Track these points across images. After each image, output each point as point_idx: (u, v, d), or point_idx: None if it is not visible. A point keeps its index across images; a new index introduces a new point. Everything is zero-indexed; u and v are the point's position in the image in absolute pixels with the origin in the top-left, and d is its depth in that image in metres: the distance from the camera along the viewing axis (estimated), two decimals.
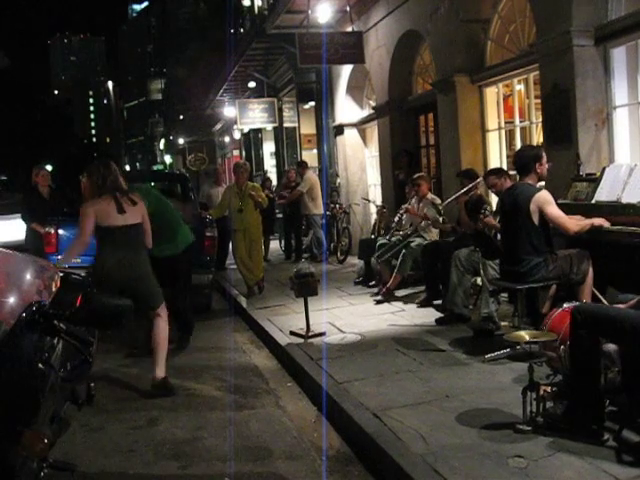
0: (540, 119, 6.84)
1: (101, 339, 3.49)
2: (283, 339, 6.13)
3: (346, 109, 12.57)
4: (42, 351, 2.39)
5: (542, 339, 3.65)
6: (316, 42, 10.42)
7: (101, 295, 2.89)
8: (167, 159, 56.09)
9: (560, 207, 4.94)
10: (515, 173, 5.44)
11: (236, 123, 19.38)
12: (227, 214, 8.95)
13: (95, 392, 2.90)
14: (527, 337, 3.61)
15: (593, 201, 5.30)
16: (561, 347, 3.67)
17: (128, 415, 4.64)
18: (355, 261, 9.73)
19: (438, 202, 7.51)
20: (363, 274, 8.82)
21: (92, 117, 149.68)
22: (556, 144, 6.15)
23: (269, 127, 19.11)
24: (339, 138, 12.77)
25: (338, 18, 11.46)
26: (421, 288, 7.66)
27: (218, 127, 29.66)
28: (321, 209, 11.76)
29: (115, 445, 4.12)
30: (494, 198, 7.06)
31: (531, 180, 4.91)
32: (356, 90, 12.49)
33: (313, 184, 11.73)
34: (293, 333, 6.26)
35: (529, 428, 3.52)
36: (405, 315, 6.79)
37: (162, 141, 60.40)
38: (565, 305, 4.00)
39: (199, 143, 36.24)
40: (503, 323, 5.74)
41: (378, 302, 7.48)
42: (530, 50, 6.78)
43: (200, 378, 5.47)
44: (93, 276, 4.96)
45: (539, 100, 6.81)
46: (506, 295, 6.22)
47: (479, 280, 6.27)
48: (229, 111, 21.58)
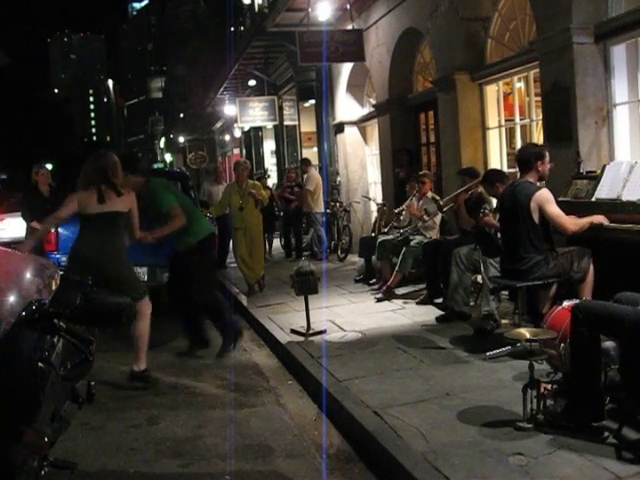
0: (540, 117, 6.84)
1: (101, 337, 3.49)
2: (284, 337, 6.13)
3: (346, 107, 12.56)
4: (42, 350, 2.39)
5: (542, 337, 3.65)
6: (316, 40, 10.42)
7: (101, 293, 2.89)
8: (167, 157, 56.08)
9: (560, 205, 4.94)
10: (516, 171, 5.44)
11: (236, 121, 19.39)
12: (227, 212, 8.95)
13: (95, 391, 2.89)
14: (527, 335, 3.62)
15: (593, 199, 5.29)
16: (561, 345, 3.67)
17: (128, 413, 4.64)
18: (355, 259, 9.73)
19: (438, 198, 7.51)
20: (364, 272, 8.82)
21: (92, 116, 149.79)
22: (556, 142, 6.14)
23: (269, 125, 19.12)
24: (339, 136, 12.77)
25: (338, 16, 11.46)
26: (422, 286, 7.66)
27: (218, 125, 29.66)
28: (322, 207, 11.76)
29: (116, 443, 4.12)
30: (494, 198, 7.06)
31: (532, 178, 4.91)
32: (356, 88, 12.49)
33: (318, 182, 11.75)
34: (294, 331, 6.26)
35: (529, 426, 3.52)
36: (406, 313, 6.79)
37: (162, 139, 60.40)
38: (565, 303, 4.00)
39: (199, 141, 36.27)
40: (503, 321, 5.74)
41: (379, 300, 7.48)
42: (530, 48, 6.78)
43: (200, 376, 5.47)
44: (69, 260, 5.16)
45: (539, 98, 6.81)
46: (506, 293, 6.22)
47: (479, 278, 6.27)
48: (229, 109, 21.59)
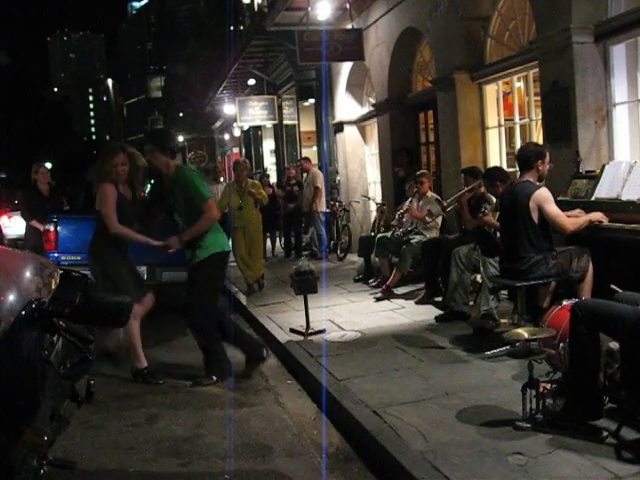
0: (540, 116, 6.84)
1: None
2: (283, 336, 6.13)
3: (346, 106, 12.56)
4: (41, 349, 2.38)
5: (541, 336, 3.65)
6: (316, 39, 10.43)
7: (101, 292, 2.89)
8: None
9: (560, 204, 4.95)
10: (515, 170, 5.44)
11: (236, 120, 19.37)
12: (227, 211, 8.95)
13: (95, 390, 2.89)
14: (527, 334, 3.62)
15: (593, 198, 5.30)
16: (560, 344, 3.67)
17: (128, 413, 4.64)
18: (355, 258, 9.73)
19: (441, 199, 7.51)
20: (363, 271, 8.82)
21: (92, 115, 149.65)
22: (556, 141, 6.14)
23: (269, 125, 19.10)
24: (339, 135, 12.77)
25: (338, 15, 11.45)
26: (421, 285, 7.65)
27: (218, 125, 29.63)
28: (324, 206, 11.76)
29: (115, 442, 4.11)
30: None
31: (531, 177, 4.91)
32: (356, 87, 12.49)
33: (322, 180, 11.77)
34: (293, 330, 6.26)
35: (529, 425, 3.52)
36: (405, 312, 6.79)
37: None
38: (564, 302, 4.00)
39: (199, 141, 36.25)
40: (503, 320, 5.74)
41: (378, 299, 7.48)
42: (530, 47, 6.78)
43: (200, 376, 5.45)
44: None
45: (539, 97, 6.81)
46: (506, 292, 6.23)
47: (479, 277, 6.27)
48: (229, 108, 21.56)
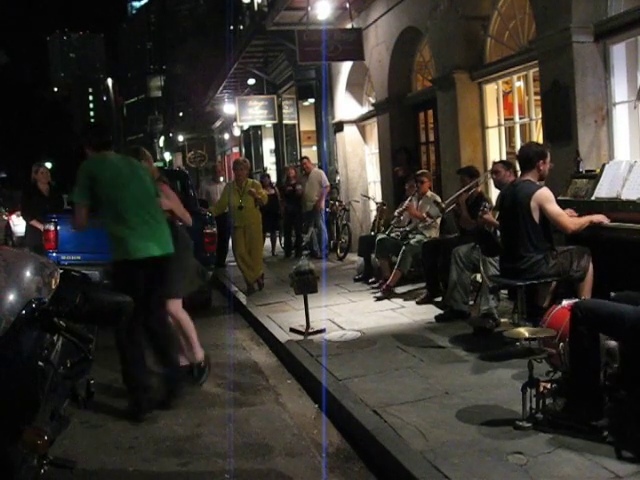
0: (540, 116, 6.84)
1: (101, 336, 3.49)
2: (283, 336, 6.13)
3: (346, 106, 12.56)
4: (42, 348, 2.39)
5: (542, 336, 3.65)
6: (316, 39, 10.42)
7: (101, 292, 2.89)
8: (167, 156, 55.93)
9: (560, 204, 4.95)
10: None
11: (236, 120, 19.36)
12: (227, 211, 8.95)
13: (95, 389, 2.90)
14: (527, 334, 3.62)
15: (593, 198, 5.29)
16: (561, 344, 3.67)
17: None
18: (355, 258, 9.73)
19: (439, 200, 7.50)
20: (363, 271, 8.81)
21: (92, 114, 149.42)
22: (556, 141, 6.14)
23: (269, 124, 19.08)
24: (339, 135, 12.76)
25: (338, 15, 11.44)
26: (421, 285, 7.66)
27: (218, 124, 29.60)
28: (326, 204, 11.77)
29: (115, 442, 4.12)
30: (494, 195, 7.06)
31: (532, 177, 4.91)
32: (356, 87, 12.48)
33: (326, 179, 11.79)
34: (293, 330, 6.26)
35: (529, 425, 3.52)
36: (405, 312, 6.78)
37: (162, 138, 60.25)
38: (564, 302, 4.00)
39: (199, 140, 36.18)
40: (503, 320, 5.74)
41: (378, 299, 7.48)
42: (530, 47, 6.77)
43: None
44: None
45: (539, 97, 6.81)
46: (506, 292, 6.22)
47: (479, 277, 6.27)
48: (229, 108, 21.55)
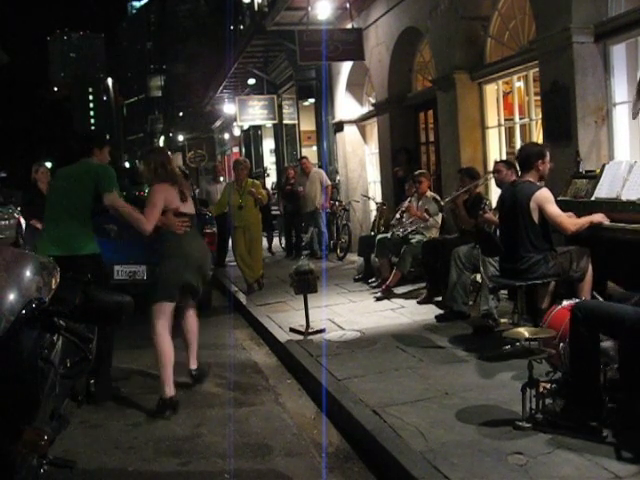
0: (540, 116, 6.84)
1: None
2: (283, 336, 6.13)
3: (346, 106, 12.55)
4: (42, 348, 2.39)
5: (541, 336, 3.65)
6: (316, 39, 10.42)
7: (100, 291, 2.89)
8: None
9: (559, 204, 4.95)
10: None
11: (236, 120, 19.36)
12: (227, 211, 8.95)
13: (94, 389, 2.90)
14: (527, 334, 3.62)
15: (593, 198, 5.29)
16: (560, 344, 3.67)
17: (128, 412, 4.63)
18: (355, 258, 9.73)
19: (439, 198, 7.52)
20: (363, 271, 8.81)
21: (92, 114, 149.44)
22: (556, 141, 6.14)
23: (269, 124, 19.08)
24: (339, 135, 12.76)
25: (338, 15, 11.45)
26: (421, 285, 7.66)
27: (218, 124, 29.60)
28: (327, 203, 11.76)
29: (114, 442, 4.11)
30: (494, 195, 7.07)
31: (532, 177, 4.91)
32: (356, 87, 12.48)
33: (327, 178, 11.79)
34: (293, 330, 6.26)
35: (528, 425, 3.52)
36: (405, 312, 6.78)
37: (162, 138, 60.27)
38: (564, 302, 4.00)
39: (199, 140, 36.17)
40: (503, 320, 5.74)
41: (378, 299, 7.48)
42: (530, 47, 6.77)
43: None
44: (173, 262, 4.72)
45: (539, 97, 6.81)
46: (506, 292, 6.23)
47: (479, 277, 6.27)
48: (229, 108, 21.56)
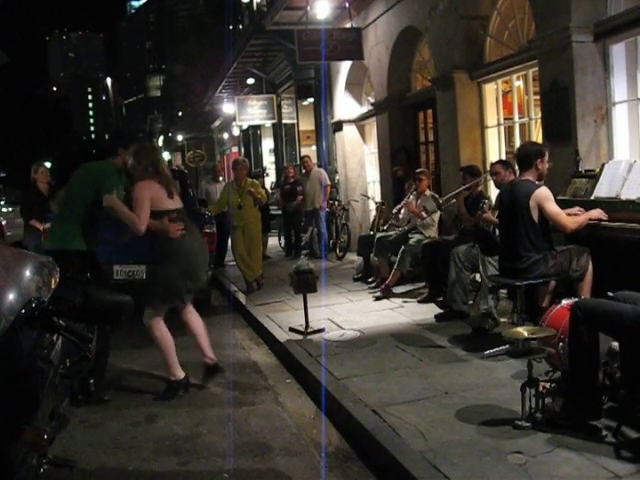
0: (539, 115, 6.84)
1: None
2: (282, 336, 6.13)
3: (345, 105, 12.55)
4: (41, 347, 2.39)
5: (541, 335, 3.65)
6: (315, 38, 10.41)
7: (100, 291, 2.89)
8: (166, 156, 55.95)
9: (559, 203, 4.95)
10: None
11: (235, 120, 19.34)
12: (226, 210, 8.95)
13: (94, 388, 2.90)
14: (526, 333, 3.62)
15: (592, 197, 5.30)
16: (560, 344, 3.67)
17: (127, 411, 4.64)
18: (354, 258, 9.73)
19: (437, 196, 7.52)
20: (362, 270, 8.82)
21: (91, 114, 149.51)
22: (555, 140, 6.14)
23: (268, 124, 19.07)
24: (338, 134, 12.76)
25: (337, 14, 11.44)
26: (420, 284, 7.66)
27: (217, 124, 29.60)
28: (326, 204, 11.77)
29: (114, 441, 4.12)
30: (494, 194, 7.06)
31: (531, 176, 4.91)
32: (355, 86, 12.47)
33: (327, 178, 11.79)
34: (292, 329, 6.26)
35: (528, 424, 3.52)
36: (404, 311, 6.79)
37: (161, 138, 60.28)
38: (564, 301, 4.00)
39: (198, 140, 36.17)
40: (502, 319, 5.75)
41: (377, 298, 7.48)
42: (529, 46, 6.77)
43: (199, 374, 5.45)
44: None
45: (538, 96, 6.81)
46: (505, 291, 6.23)
47: (478, 276, 6.27)
48: (228, 108, 21.53)
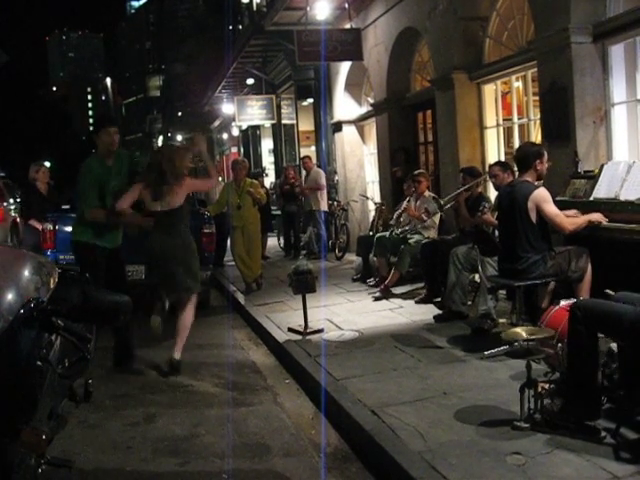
0: (538, 116, 6.85)
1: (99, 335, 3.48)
2: (281, 336, 6.12)
3: (344, 106, 12.56)
4: (40, 348, 2.39)
5: (540, 336, 3.65)
6: (314, 39, 10.42)
7: (99, 291, 2.89)
8: None
9: (558, 204, 4.95)
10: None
11: (234, 120, 19.36)
12: (225, 211, 8.95)
13: (93, 389, 2.89)
14: (525, 334, 3.62)
15: (591, 198, 5.30)
16: (559, 344, 3.67)
17: (126, 412, 4.64)
18: (353, 258, 9.72)
19: (438, 197, 7.52)
20: (361, 271, 8.81)
21: (90, 114, 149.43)
22: (554, 141, 6.15)
23: (267, 124, 19.08)
24: (337, 135, 12.77)
25: (337, 15, 11.45)
26: (419, 285, 7.66)
27: (216, 124, 29.61)
28: (325, 205, 11.76)
29: (113, 442, 4.11)
30: (493, 194, 7.06)
31: (530, 177, 4.91)
32: (354, 87, 12.49)
33: (324, 178, 11.78)
34: (291, 330, 6.25)
35: (527, 425, 3.52)
36: (403, 312, 6.78)
37: (160, 138, 60.31)
38: (562, 302, 4.00)
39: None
40: (501, 320, 5.74)
41: (376, 299, 7.47)
42: (528, 47, 6.78)
43: (198, 375, 5.46)
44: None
45: (537, 97, 6.81)
46: (504, 292, 6.23)
47: (477, 277, 6.27)
48: (227, 108, 21.55)
